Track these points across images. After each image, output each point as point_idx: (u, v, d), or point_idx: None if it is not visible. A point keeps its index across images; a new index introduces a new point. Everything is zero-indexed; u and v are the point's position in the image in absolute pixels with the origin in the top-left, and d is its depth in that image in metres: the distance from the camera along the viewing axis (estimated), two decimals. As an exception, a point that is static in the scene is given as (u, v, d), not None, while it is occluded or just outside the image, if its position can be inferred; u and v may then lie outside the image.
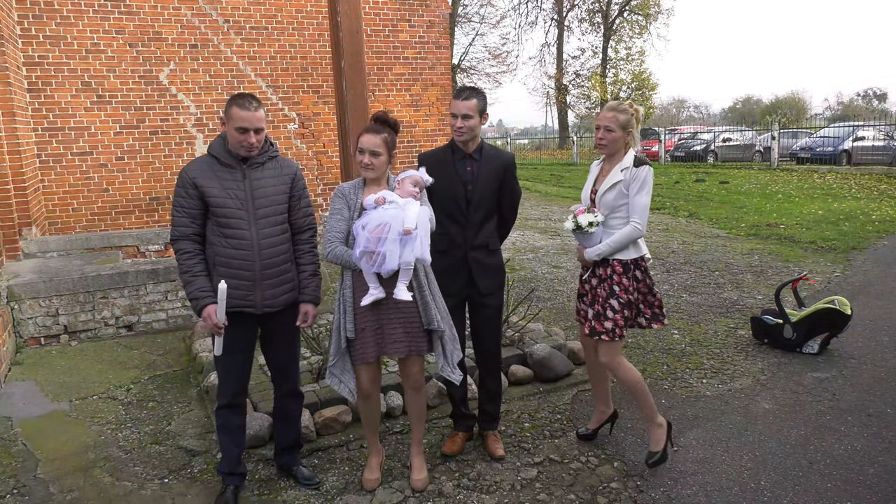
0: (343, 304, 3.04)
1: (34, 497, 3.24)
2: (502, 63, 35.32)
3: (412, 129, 9.93)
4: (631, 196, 3.20)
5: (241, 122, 2.86)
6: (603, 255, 3.27)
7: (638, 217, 3.19)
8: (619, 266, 3.26)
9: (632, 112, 3.25)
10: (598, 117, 3.31)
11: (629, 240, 3.22)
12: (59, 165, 7.80)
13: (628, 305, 3.26)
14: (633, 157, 3.25)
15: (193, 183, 2.90)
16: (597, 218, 3.23)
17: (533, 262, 8.65)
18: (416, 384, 3.21)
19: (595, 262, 3.33)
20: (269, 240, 2.99)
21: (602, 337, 3.27)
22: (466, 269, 3.38)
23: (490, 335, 3.55)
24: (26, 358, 5.25)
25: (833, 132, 22.17)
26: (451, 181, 3.33)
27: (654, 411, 3.36)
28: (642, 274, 3.31)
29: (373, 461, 3.32)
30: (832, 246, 8.75)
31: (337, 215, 3.04)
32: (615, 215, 3.26)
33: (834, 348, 4.97)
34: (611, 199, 3.24)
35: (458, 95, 3.30)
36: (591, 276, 3.38)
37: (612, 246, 3.23)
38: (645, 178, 3.19)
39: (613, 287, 3.26)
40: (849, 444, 3.52)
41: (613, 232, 3.25)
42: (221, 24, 8.49)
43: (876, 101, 56.69)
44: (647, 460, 3.32)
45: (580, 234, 3.30)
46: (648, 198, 3.22)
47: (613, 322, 3.25)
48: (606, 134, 3.25)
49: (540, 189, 17.98)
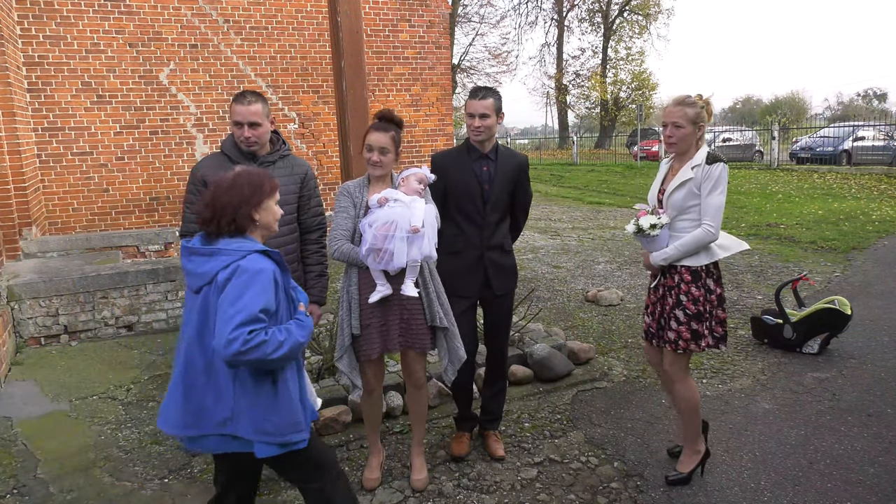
0: (349, 301, 3.05)
1: (34, 497, 3.24)
2: (502, 63, 35.34)
3: (412, 129, 9.93)
4: (703, 196, 2.95)
5: (235, 116, 2.94)
6: (670, 260, 3.04)
7: (710, 219, 2.94)
8: (687, 273, 3.03)
9: (702, 105, 3.00)
10: (665, 113, 3.04)
11: (700, 244, 2.97)
12: (59, 165, 7.80)
13: (697, 318, 3.01)
14: (706, 153, 3.00)
15: (203, 180, 2.91)
16: (660, 220, 3.02)
17: (533, 262, 8.65)
18: (418, 382, 3.22)
19: (661, 270, 3.13)
20: (278, 239, 2.99)
21: (666, 346, 3.10)
22: (482, 269, 3.37)
23: (501, 336, 3.56)
24: (26, 358, 5.24)
25: (833, 132, 22.16)
26: (468, 181, 3.32)
27: (699, 437, 3.21)
28: (714, 283, 3.06)
29: (373, 461, 3.32)
30: (832, 246, 8.75)
31: (343, 213, 3.05)
32: (684, 217, 3.03)
33: (834, 348, 4.97)
34: (679, 199, 3.01)
35: (475, 95, 3.27)
36: (659, 284, 3.16)
37: (680, 250, 3.00)
38: (719, 177, 2.93)
39: (680, 297, 3.04)
40: (849, 444, 3.52)
41: (681, 235, 3.02)
42: (221, 24, 8.49)
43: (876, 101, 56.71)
44: (669, 476, 3.21)
45: (643, 238, 3.09)
46: (723, 198, 2.95)
47: (677, 333, 3.05)
48: (675, 131, 3.00)
49: (540, 189, 17.97)
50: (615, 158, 27.52)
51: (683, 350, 3.06)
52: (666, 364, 3.18)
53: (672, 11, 50.76)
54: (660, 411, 4.02)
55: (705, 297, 3.03)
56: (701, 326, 3.03)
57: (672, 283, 3.08)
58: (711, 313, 3.06)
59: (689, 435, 3.22)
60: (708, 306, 3.03)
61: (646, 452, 3.52)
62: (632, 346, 5.20)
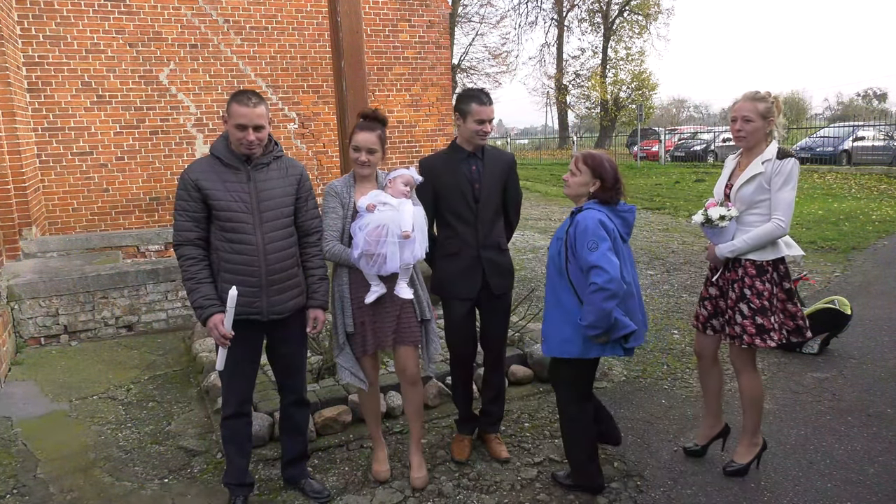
0: (341, 300, 3.08)
1: (34, 497, 3.24)
2: (502, 63, 35.31)
3: (412, 129, 9.92)
4: (773, 191, 2.95)
5: (239, 119, 2.74)
6: (737, 253, 3.02)
7: (781, 213, 2.94)
8: (751, 268, 3.02)
9: (771, 100, 3.01)
10: (735, 108, 3.06)
11: (769, 238, 2.97)
12: (59, 165, 7.80)
13: (762, 312, 2.99)
14: (777, 148, 3.00)
15: (196, 185, 2.77)
16: (730, 212, 3.01)
17: (533, 262, 8.65)
18: (412, 378, 3.22)
19: (725, 263, 3.11)
20: (276, 244, 2.88)
21: (732, 341, 3.09)
22: (480, 269, 3.36)
23: (499, 337, 3.56)
24: (26, 358, 5.25)
25: (833, 132, 22.16)
26: (458, 181, 3.32)
27: (759, 429, 3.24)
28: (780, 278, 3.03)
29: (379, 454, 3.34)
30: (832, 246, 8.75)
31: (332, 213, 3.05)
32: (753, 211, 3.02)
33: (834, 348, 4.97)
34: (749, 194, 3.00)
35: (484, 102, 3.29)
36: (721, 278, 3.14)
37: (748, 243, 2.98)
38: (790, 172, 2.94)
39: (744, 290, 3.02)
40: (849, 444, 3.52)
41: (749, 229, 3.01)
42: (221, 24, 8.49)
43: (876, 101, 56.67)
44: (727, 467, 3.23)
45: (710, 229, 3.08)
46: (793, 193, 2.95)
47: (742, 328, 3.04)
48: (745, 125, 3.00)
49: (540, 189, 17.96)
50: (615, 158, 27.47)
51: (748, 345, 3.06)
52: (731, 356, 3.21)
53: (672, 11, 50.77)
54: (660, 411, 4.03)
55: (771, 292, 3.01)
56: (767, 321, 3.00)
57: (735, 277, 3.07)
58: (779, 308, 3.04)
59: (749, 426, 3.24)
60: (775, 301, 3.02)
61: (646, 452, 3.52)
62: (632, 346, 5.20)
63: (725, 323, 3.15)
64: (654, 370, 4.70)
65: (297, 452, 3.22)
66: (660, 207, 13.12)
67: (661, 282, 7.25)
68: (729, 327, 3.11)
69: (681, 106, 67.26)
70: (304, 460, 3.26)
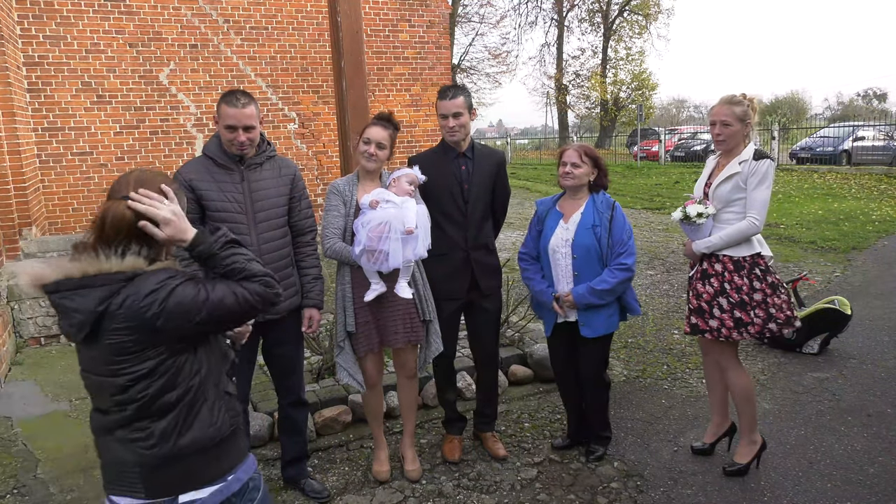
0: (343, 300, 3.08)
1: (34, 497, 3.24)
2: (502, 63, 35.28)
3: (412, 129, 9.92)
4: (749, 190, 3.05)
5: (228, 120, 2.73)
6: (713, 249, 3.12)
7: (756, 212, 3.04)
8: (730, 263, 3.11)
9: (747, 103, 3.11)
10: (713, 112, 3.16)
11: (743, 235, 3.07)
12: (59, 165, 7.79)
13: (740, 306, 3.08)
14: (754, 150, 3.10)
15: (190, 185, 2.77)
16: (707, 210, 3.11)
17: (533, 262, 8.64)
18: (410, 373, 3.28)
19: (702, 258, 3.20)
20: (271, 244, 2.89)
21: (705, 335, 3.16)
22: (469, 270, 3.35)
23: (490, 337, 3.55)
24: (26, 358, 5.24)
25: (833, 132, 22.16)
26: (447, 181, 3.31)
27: (755, 426, 3.26)
28: (762, 273, 3.10)
29: (381, 454, 3.34)
30: (832, 246, 8.75)
31: (333, 211, 3.05)
32: (729, 209, 3.12)
33: (834, 348, 4.97)
34: (725, 192, 3.10)
35: (444, 95, 3.24)
36: (697, 272, 3.23)
37: (724, 239, 3.08)
38: (766, 173, 3.04)
39: (724, 284, 3.11)
40: (849, 444, 3.52)
41: (725, 227, 3.11)
42: (221, 24, 8.49)
43: (876, 101, 56.64)
44: (727, 467, 3.25)
45: (688, 226, 3.18)
46: (768, 193, 3.05)
47: (720, 321, 3.11)
48: (724, 129, 3.10)
49: (540, 189, 17.94)
50: (615, 158, 27.49)
51: (726, 338, 3.12)
52: (715, 353, 3.26)
53: (672, 11, 50.71)
54: (660, 411, 4.03)
55: (750, 286, 3.08)
56: (745, 315, 3.08)
57: (713, 272, 3.16)
58: (764, 301, 3.08)
59: (744, 425, 3.26)
60: (755, 295, 3.08)
61: (646, 452, 3.52)
62: (632, 346, 5.21)
63: (696, 314, 3.20)
64: (654, 370, 4.70)
65: (297, 452, 3.22)
66: (660, 207, 13.12)
67: (661, 282, 7.25)
68: (700, 320, 3.17)
69: (681, 106, 67.21)
70: (303, 460, 3.27)
